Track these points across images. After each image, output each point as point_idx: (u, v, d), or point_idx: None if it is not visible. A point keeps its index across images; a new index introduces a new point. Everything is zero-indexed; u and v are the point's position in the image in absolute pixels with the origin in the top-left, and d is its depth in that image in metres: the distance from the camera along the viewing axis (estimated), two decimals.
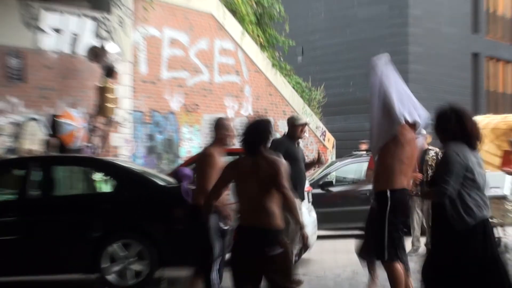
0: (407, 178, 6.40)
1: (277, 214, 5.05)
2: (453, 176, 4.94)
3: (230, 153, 7.45)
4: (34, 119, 12.59)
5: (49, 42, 12.87)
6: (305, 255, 9.99)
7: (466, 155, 5.05)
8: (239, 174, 5.16)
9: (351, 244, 8.39)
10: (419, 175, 8.16)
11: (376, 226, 6.32)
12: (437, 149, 10.57)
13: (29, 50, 12.57)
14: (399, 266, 6.19)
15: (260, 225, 4.99)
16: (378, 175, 6.41)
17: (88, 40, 13.33)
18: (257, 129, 5.23)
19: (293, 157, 7.91)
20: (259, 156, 5.12)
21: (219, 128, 6.80)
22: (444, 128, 5.18)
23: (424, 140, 10.50)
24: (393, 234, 6.18)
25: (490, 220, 4.88)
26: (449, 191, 4.92)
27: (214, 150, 6.66)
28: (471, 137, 5.13)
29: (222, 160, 6.63)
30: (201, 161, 6.72)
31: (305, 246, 5.36)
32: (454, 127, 5.12)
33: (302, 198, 8.19)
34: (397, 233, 6.22)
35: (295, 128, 8.26)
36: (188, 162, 11.58)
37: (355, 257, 7.85)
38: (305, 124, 8.38)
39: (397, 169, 6.26)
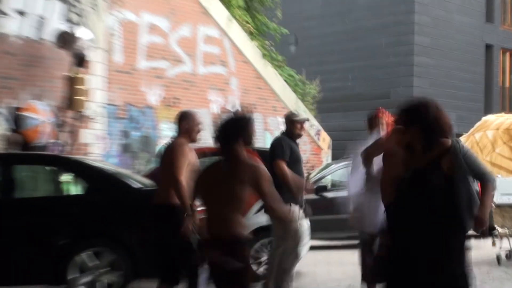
0: None
1: (242, 224, 5.04)
2: None
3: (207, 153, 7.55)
4: None
5: (11, 26, 12.83)
6: (296, 267, 10.01)
7: None
8: (209, 180, 5.18)
9: (346, 255, 8.44)
10: None
11: None
12: None
13: None
14: None
15: (221, 236, 5.00)
16: None
17: (56, 24, 13.30)
18: (235, 126, 5.19)
19: (297, 158, 8.00)
20: (233, 159, 5.08)
21: (184, 120, 6.95)
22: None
23: None
24: None
25: (501, 230, 4.94)
26: None
27: (183, 141, 6.83)
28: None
29: (193, 154, 6.75)
30: (171, 151, 6.81)
31: None
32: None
33: (302, 206, 8.13)
34: None
35: (294, 125, 8.27)
36: None
37: (350, 270, 7.89)
38: (305, 120, 8.39)
39: None
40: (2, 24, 12.73)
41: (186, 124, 7.04)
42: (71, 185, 9.66)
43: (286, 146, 8.01)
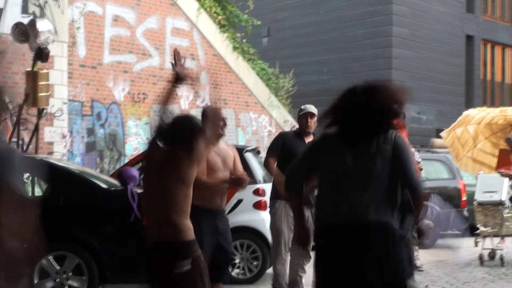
0: None
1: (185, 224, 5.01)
2: None
3: None
4: None
5: None
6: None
7: None
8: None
9: None
10: None
11: None
12: (413, 149, 10.65)
13: None
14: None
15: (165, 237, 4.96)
16: None
17: (14, 16, 13.18)
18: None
19: (292, 154, 7.96)
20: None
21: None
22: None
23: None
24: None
25: (484, 229, 4.97)
26: None
27: None
28: None
29: None
30: None
31: None
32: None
33: (311, 205, 8.14)
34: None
35: (300, 119, 8.33)
36: (134, 161, 11.55)
37: None
38: (310, 113, 8.34)
39: None
40: None
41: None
42: (32, 186, 9.61)
43: (278, 142, 8.21)
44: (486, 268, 11.38)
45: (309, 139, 8.13)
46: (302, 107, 8.53)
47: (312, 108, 8.34)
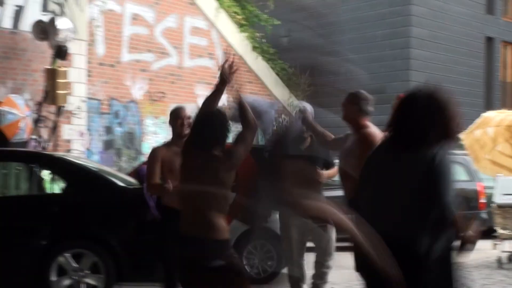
0: None
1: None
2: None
3: None
4: None
5: None
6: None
7: None
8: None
9: (342, 258, 8.43)
10: None
11: None
12: None
13: None
14: None
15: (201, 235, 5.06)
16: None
17: (34, 14, 13.24)
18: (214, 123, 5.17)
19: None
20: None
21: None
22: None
23: None
24: None
25: (503, 231, 4.91)
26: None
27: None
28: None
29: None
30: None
31: None
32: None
33: None
34: None
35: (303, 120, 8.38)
36: None
37: (346, 273, 7.86)
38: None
39: None
40: None
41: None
42: (51, 184, 9.65)
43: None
44: (504, 271, 11.29)
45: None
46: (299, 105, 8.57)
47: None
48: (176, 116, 6.85)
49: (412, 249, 4.15)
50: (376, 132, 6.47)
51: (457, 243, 4.45)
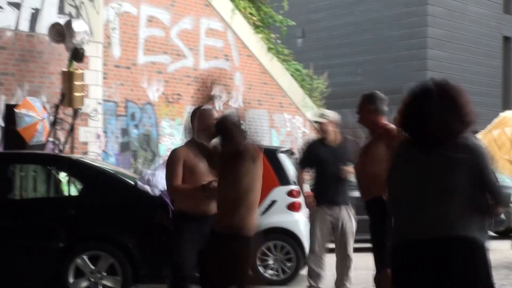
0: None
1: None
2: None
3: None
4: None
5: (6, 20, 12.82)
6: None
7: None
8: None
9: (359, 260, 8.44)
10: None
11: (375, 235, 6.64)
12: None
13: None
14: None
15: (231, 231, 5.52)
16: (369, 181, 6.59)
17: (51, 16, 13.29)
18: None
19: (317, 161, 8.35)
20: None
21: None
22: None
23: None
24: None
25: None
26: None
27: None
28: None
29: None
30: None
31: None
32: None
33: (345, 203, 8.46)
34: None
35: (320, 124, 8.57)
36: None
37: (362, 274, 7.86)
38: (321, 120, 8.51)
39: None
40: None
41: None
42: (68, 186, 9.67)
43: (304, 152, 8.63)
44: None
45: (333, 142, 8.48)
46: (321, 112, 8.72)
47: (325, 115, 8.53)
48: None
49: (471, 240, 4.07)
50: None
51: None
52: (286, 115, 18.99)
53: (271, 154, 10.08)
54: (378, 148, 6.63)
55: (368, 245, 6.91)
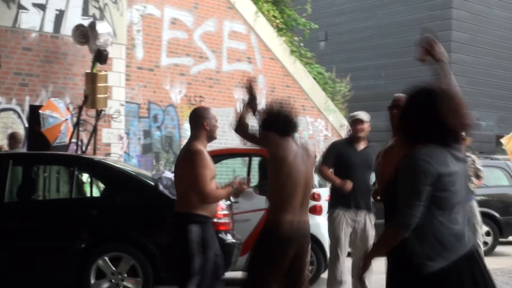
0: None
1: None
2: (422, 196, 3.88)
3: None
4: (9, 109, 12.62)
5: (31, 22, 12.89)
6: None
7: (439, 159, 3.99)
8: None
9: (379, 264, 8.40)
10: None
11: None
12: (474, 156, 10.55)
13: (2, 27, 12.59)
14: None
15: None
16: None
17: (75, 18, 13.35)
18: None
19: (343, 163, 8.18)
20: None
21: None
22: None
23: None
24: None
25: None
26: (415, 219, 3.87)
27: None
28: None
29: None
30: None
31: None
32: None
33: (367, 209, 8.35)
34: None
35: (351, 126, 8.42)
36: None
37: (382, 279, 7.78)
38: (357, 120, 8.35)
39: None
40: (23, 20, 12.80)
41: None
42: (90, 187, 9.70)
43: (331, 152, 8.43)
44: None
45: (360, 145, 8.28)
46: (351, 114, 8.59)
47: (360, 115, 8.33)
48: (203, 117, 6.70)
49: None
50: None
51: None
52: (308, 118, 18.95)
53: None
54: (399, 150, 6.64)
55: None
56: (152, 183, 8.73)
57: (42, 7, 13.07)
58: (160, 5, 15.62)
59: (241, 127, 6.16)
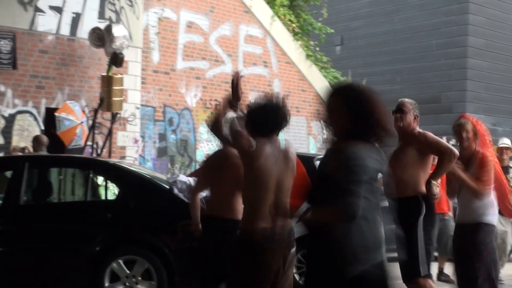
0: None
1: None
2: (362, 185, 3.90)
3: None
4: (26, 112, 12.65)
5: (44, 22, 12.91)
6: None
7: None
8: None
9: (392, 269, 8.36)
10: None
11: (406, 237, 6.68)
12: None
13: (19, 30, 12.63)
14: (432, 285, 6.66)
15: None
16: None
17: (91, 21, 13.36)
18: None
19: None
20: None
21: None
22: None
23: (505, 155, 10.67)
24: (428, 246, 6.77)
25: None
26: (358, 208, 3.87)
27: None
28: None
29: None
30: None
31: None
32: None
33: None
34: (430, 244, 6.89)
35: None
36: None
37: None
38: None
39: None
40: (39, 23, 12.83)
41: None
42: (105, 190, 9.70)
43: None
44: None
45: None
46: None
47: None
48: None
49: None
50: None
51: None
52: (323, 123, 18.89)
53: (308, 162, 10.00)
54: (408, 153, 6.89)
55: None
56: (167, 187, 8.71)
57: (58, 10, 13.09)
58: (176, 9, 15.62)
59: (216, 126, 5.82)
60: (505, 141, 11.15)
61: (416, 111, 7.17)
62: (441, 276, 11.02)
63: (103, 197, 9.51)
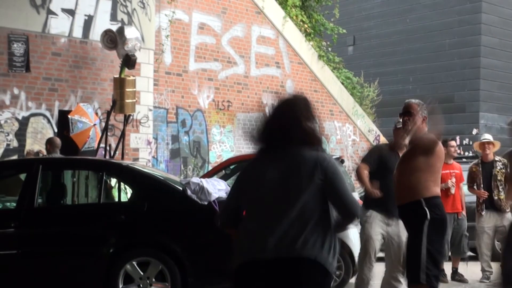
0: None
1: None
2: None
3: None
4: (39, 114, 12.68)
5: (56, 25, 12.95)
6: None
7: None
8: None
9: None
10: (484, 193, 10.37)
11: (410, 242, 6.73)
12: (505, 160, 10.42)
13: (32, 33, 12.66)
14: None
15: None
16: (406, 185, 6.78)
17: (103, 23, 13.39)
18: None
19: (384, 167, 8.03)
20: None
21: None
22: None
23: (487, 150, 10.59)
24: (432, 252, 6.62)
25: None
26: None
27: None
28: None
29: None
30: None
31: None
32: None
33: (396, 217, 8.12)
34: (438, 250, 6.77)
35: (393, 131, 8.31)
36: (217, 169, 11.53)
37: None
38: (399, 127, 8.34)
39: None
40: (52, 25, 12.87)
41: None
42: (118, 192, 9.71)
43: (375, 154, 8.29)
44: None
45: (402, 152, 8.08)
46: (397, 121, 8.41)
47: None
48: None
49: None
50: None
51: None
52: (336, 123, 18.87)
53: None
54: (416, 157, 6.85)
55: None
56: (180, 188, 8.71)
57: (71, 12, 13.12)
58: (188, 10, 15.63)
59: None
60: (486, 136, 11.07)
61: (425, 111, 7.05)
62: (455, 276, 10.99)
63: (116, 199, 9.51)
